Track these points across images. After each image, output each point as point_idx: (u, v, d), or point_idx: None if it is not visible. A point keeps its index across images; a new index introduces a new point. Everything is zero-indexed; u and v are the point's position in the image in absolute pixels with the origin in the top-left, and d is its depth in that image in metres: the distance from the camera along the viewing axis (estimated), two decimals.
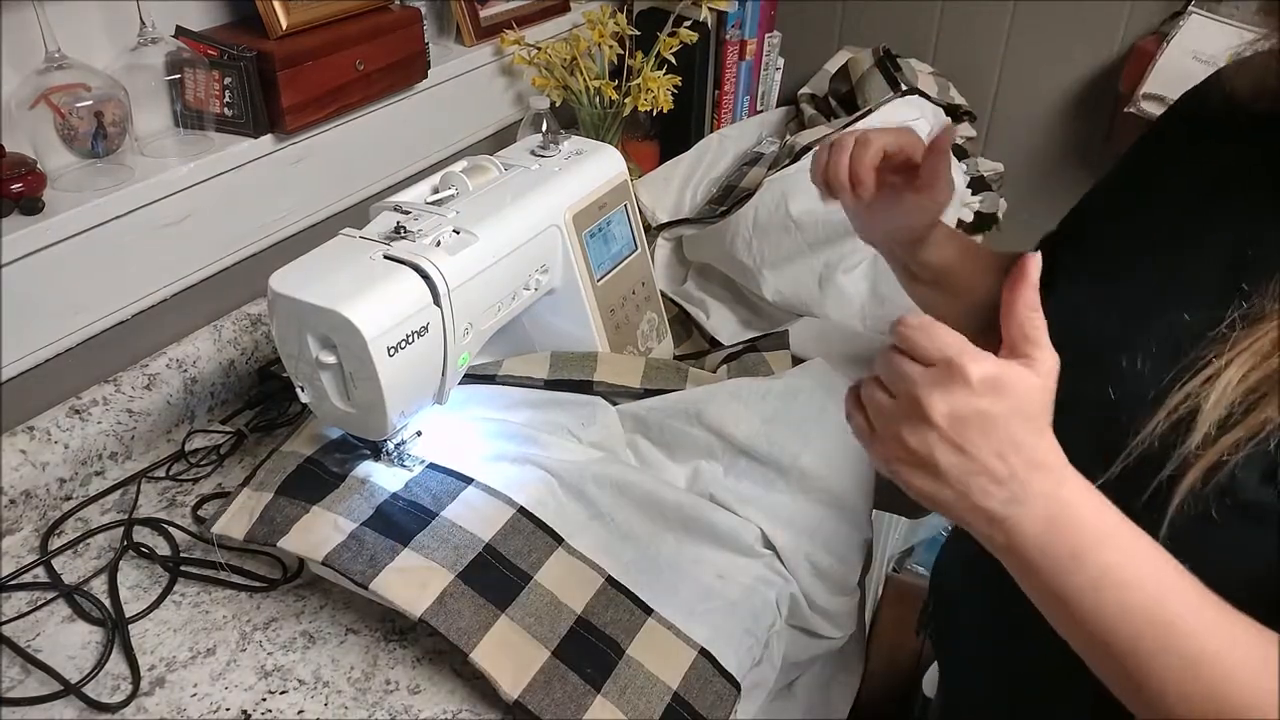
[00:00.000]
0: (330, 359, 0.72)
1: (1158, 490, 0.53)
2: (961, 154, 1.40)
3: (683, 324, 1.14)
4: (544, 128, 1.22)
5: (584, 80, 1.29)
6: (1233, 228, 0.59)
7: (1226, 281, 0.55)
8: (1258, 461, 0.50)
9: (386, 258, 0.74)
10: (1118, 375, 0.58)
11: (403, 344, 0.71)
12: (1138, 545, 0.50)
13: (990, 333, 0.89)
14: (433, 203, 0.82)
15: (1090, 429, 0.60)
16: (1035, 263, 0.51)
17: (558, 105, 1.31)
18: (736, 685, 0.73)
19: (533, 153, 0.93)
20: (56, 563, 0.81)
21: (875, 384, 0.53)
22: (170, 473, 0.91)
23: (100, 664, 0.72)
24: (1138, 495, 0.53)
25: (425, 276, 0.73)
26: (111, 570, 0.80)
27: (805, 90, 1.54)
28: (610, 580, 0.76)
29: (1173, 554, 0.51)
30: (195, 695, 0.71)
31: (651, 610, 0.75)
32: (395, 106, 1.13)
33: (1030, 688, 0.68)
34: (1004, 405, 0.49)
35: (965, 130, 1.47)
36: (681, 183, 1.37)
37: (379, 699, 0.71)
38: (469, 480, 0.80)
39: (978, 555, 0.57)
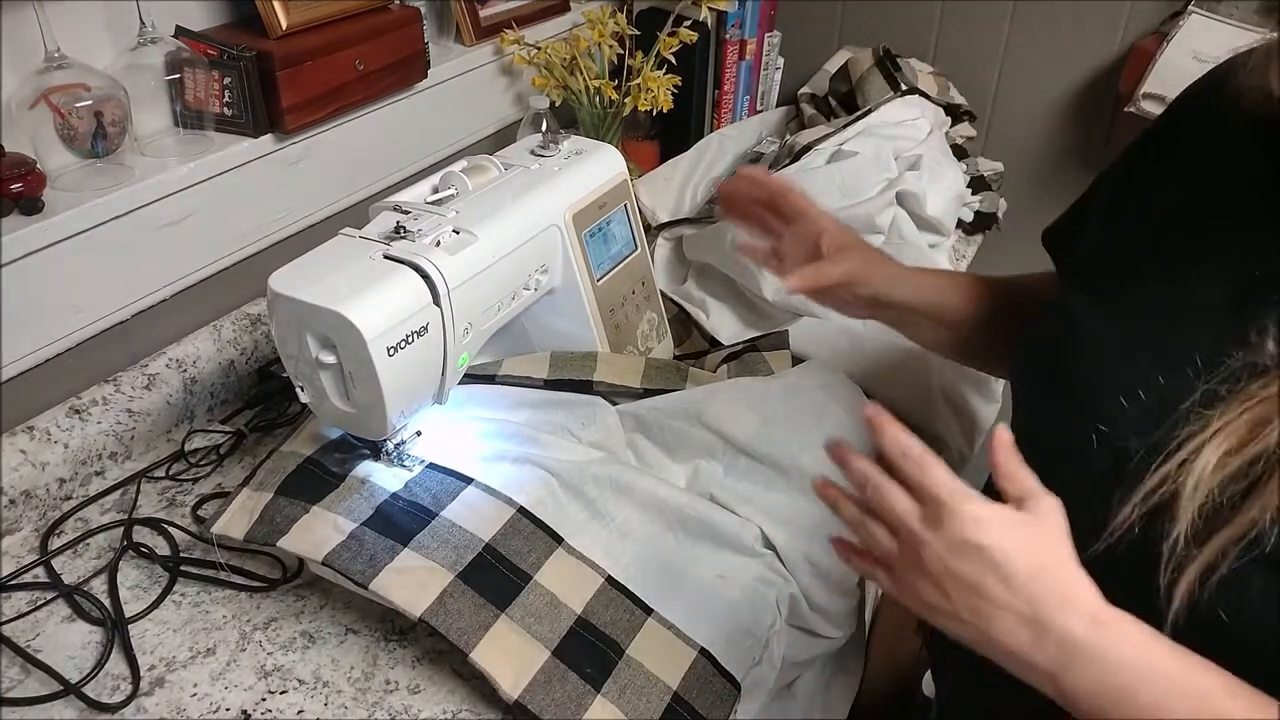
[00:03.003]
0: (330, 359, 0.72)
1: (1154, 588, 0.51)
2: (961, 154, 1.40)
3: (683, 324, 1.14)
4: (544, 127, 1.22)
5: (584, 80, 1.29)
6: (1237, 251, 0.57)
7: (1228, 319, 0.54)
8: (1258, 561, 0.49)
9: (386, 258, 0.74)
10: (1107, 413, 0.58)
11: (402, 344, 0.71)
12: (1182, 676, 0.49)
13: (972, 356, 0.90)
14: (433, 202, 0.82)
15: (1080, 459, 0.60)
16: (1003, 438, 0.54)
17: (557, 105, 1.31)
18: (736, 685, 0.73)
19: (533, 152, 0.93)
20: (56, 563, 0.81)
21: (877, 524, 0.55)
22: (170, 473, 0.91)
23: (100, 664, 0.72)
24: (1131, 587, 0.52)
25: (425, 276, 0.73)
26: (111, 570, 0.80)
27: (805, 90, 1.54)
28: (610, 580, 0.76)
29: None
30: (195, 695, 0.71)
31: (651, 610, 0.75)
32: (395, 106, 1.13)
33: (1023, 691, 0.68)
34: (1003, 544, 0.50)
35: (965, 130, 1.47)
36: (681, 182, 1.37)
37: (379, 699, 0.71)
38: (469, 480, 0.80)
39: None
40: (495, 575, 0.73)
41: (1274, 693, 0.49)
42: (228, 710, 0.70)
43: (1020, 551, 0.50)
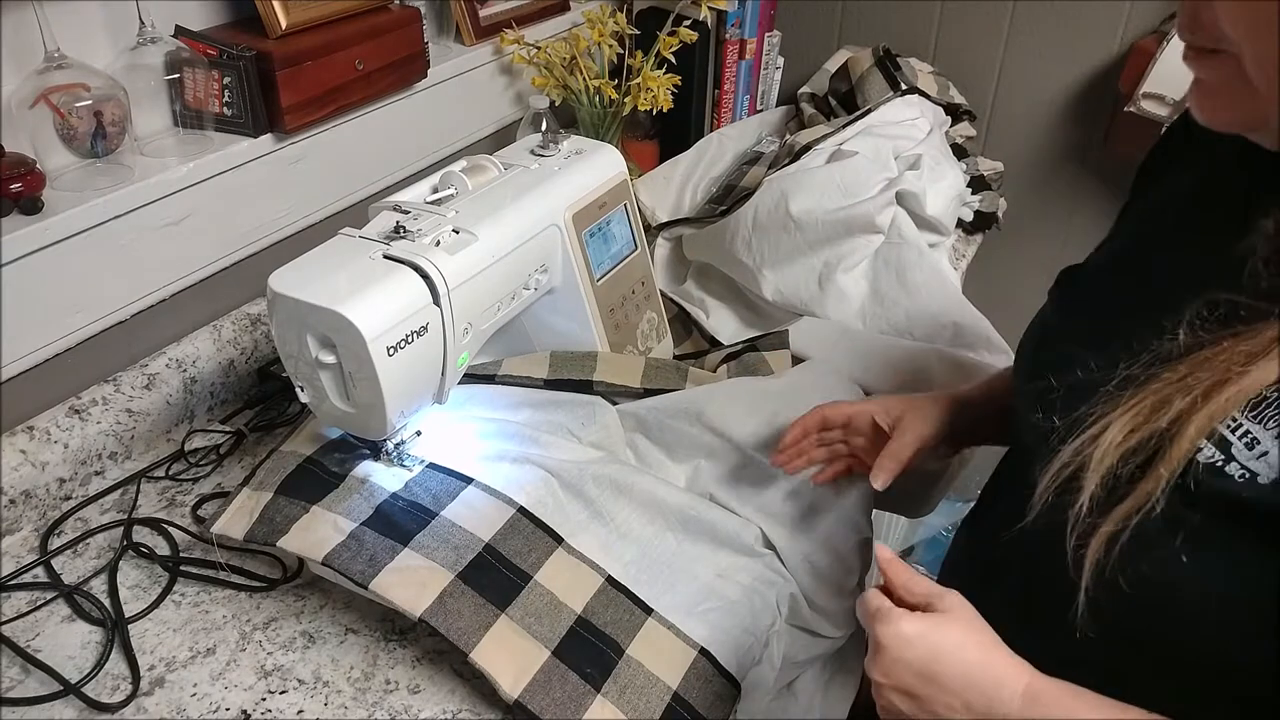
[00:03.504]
0: (330, 359, 0.72)
1: (1064, 556, 0.54)
2: (961, 154, 1.40)
3: (683, 324, 1.14)
4: (544, 127, 1.22)
5: (584, 80, 1.29)
6: (1216, 251, 0.57)
7: (1172, 312, 0.55)
8: (1149, 532, 0.51)
9: (386, 257, 0.74)
10: (1046, 398, 0.60)
11: (402, 344, 0.71)
12: None
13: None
14: (432, 202, 0.82)
15: (1029, 443, 0.62)
16: (885, 554, 0.60)
17: (557, 105, 1.31)
18: (736, 685, 0.73)
19: (532, 152, 0.93)
20: (56, 563, 0.81)
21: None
22: (170, 473, 0.91)
23: (100, 664, 0.72)
24: (1051, 561, 0.55)
25: (425, 276, 0.73)
26: (111, 570, 0.80)
27: (805, 90, 1.54)
28: (610, 580, 0.76)
29: (1100, 626, 0.53)
30: (195, 695, 0.71)
31: (651, 610, 0.75)
32: (395, 106, 1.13)
33: None
34: (926, 652, 0.54)
35: (965, 130, 1.47)
36: (681, 182, 1.37)
37: (379, 699, 0.71)
38: (469, 480, 0.80)
39: (971, 576, 0.59)
40: (495, 575, 0.73)
41: (1184, 664, 0.52)
42: (228, 710, 0.70)
43: (944, 653, 0.54)
